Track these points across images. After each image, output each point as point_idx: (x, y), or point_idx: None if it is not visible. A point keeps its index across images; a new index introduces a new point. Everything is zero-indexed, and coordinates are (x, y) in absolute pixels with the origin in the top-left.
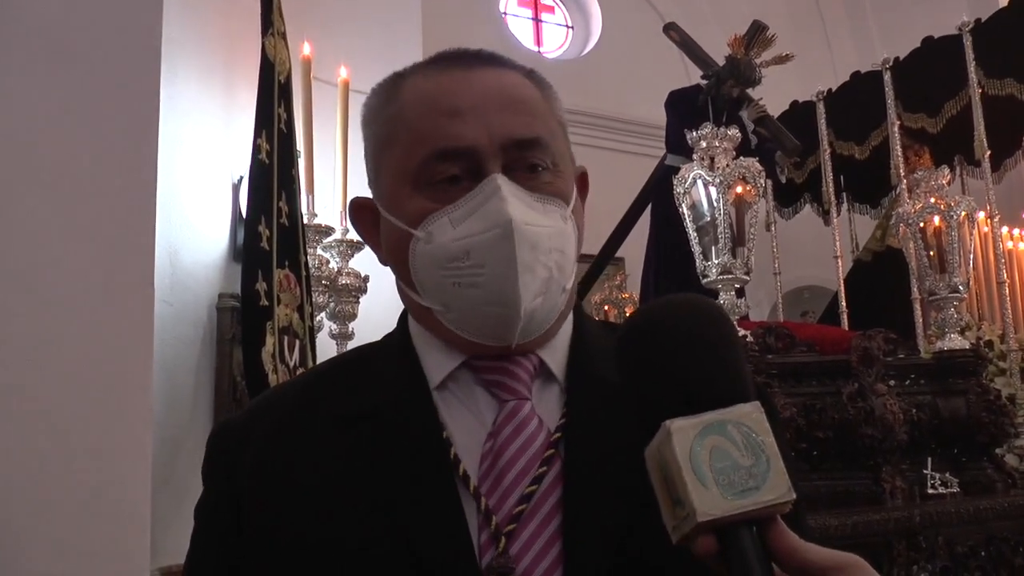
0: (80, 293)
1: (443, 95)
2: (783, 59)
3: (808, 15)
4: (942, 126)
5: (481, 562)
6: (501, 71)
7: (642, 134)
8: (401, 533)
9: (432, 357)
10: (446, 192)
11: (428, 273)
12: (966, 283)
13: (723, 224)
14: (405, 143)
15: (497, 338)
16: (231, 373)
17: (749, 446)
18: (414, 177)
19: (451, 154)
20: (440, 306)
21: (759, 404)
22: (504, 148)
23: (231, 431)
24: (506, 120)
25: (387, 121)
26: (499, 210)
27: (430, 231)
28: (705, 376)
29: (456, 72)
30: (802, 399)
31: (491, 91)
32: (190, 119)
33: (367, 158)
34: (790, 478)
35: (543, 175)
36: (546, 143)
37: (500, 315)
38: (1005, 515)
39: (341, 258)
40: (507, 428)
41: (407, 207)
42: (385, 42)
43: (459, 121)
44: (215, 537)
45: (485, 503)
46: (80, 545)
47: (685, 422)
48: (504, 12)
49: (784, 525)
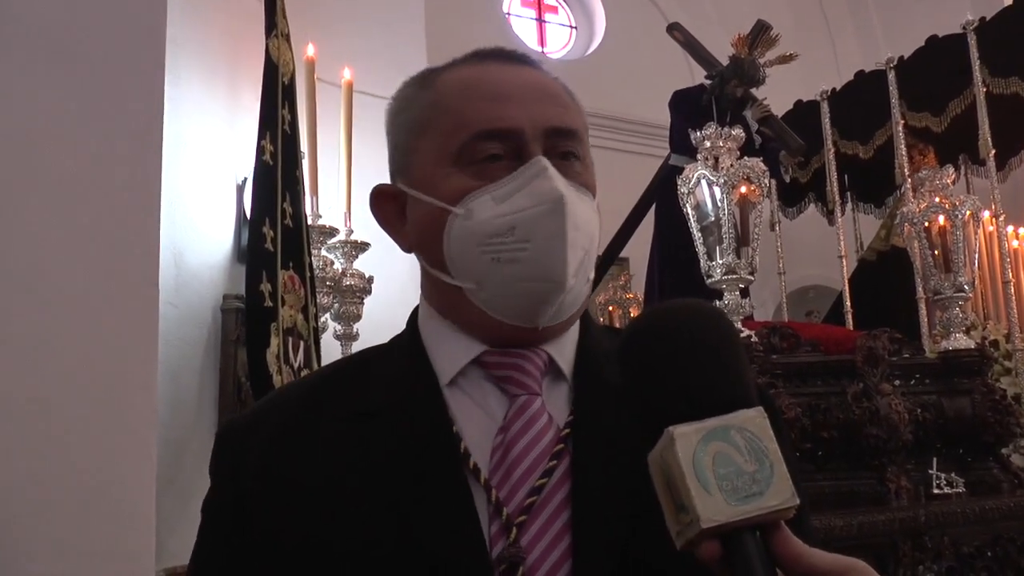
0: (84, 294)
1: (486, 82)
2: (787, 58)
3: (812, 14)
4: (946, 125)
5: (492, 553)
6: (537, 70)
7: (646, 134)
8: (412, 524)
9: (443, 353)
10: (487, 170)
11: (465, 249)
12: (971, 282)
13: (727, 224)
14: (446, 125)
15: (526, 318)
16: (235, 374)
17: (752, 451)
18: (455, 156)
19: (496, 134)
20: (473, 284)
21: (762, 409)
22: (546, 134)
23: (237, 430)
24: (546, 109)
25: (425, 107)
26: (550, 188)
27: (470, 208)
28: (708, 382)
29: (495, 65)
30: (807, 399)
31: (531, 83)
32: (194, 121)
33: (395, 146)
34: (793, 482)
35: (575, 165)
36: (581, 136)
37: (539, 291)
38: (1011, 515)
39: (345, 259)
40: (518, 422)
41: (445, 185)
42: (388, 43)
43: (503, 104)
44: (220, 534)
45: (496, 495)
46: (84, 546)
47: (688, 428)
48: (508, 12)
49: (788, 530)
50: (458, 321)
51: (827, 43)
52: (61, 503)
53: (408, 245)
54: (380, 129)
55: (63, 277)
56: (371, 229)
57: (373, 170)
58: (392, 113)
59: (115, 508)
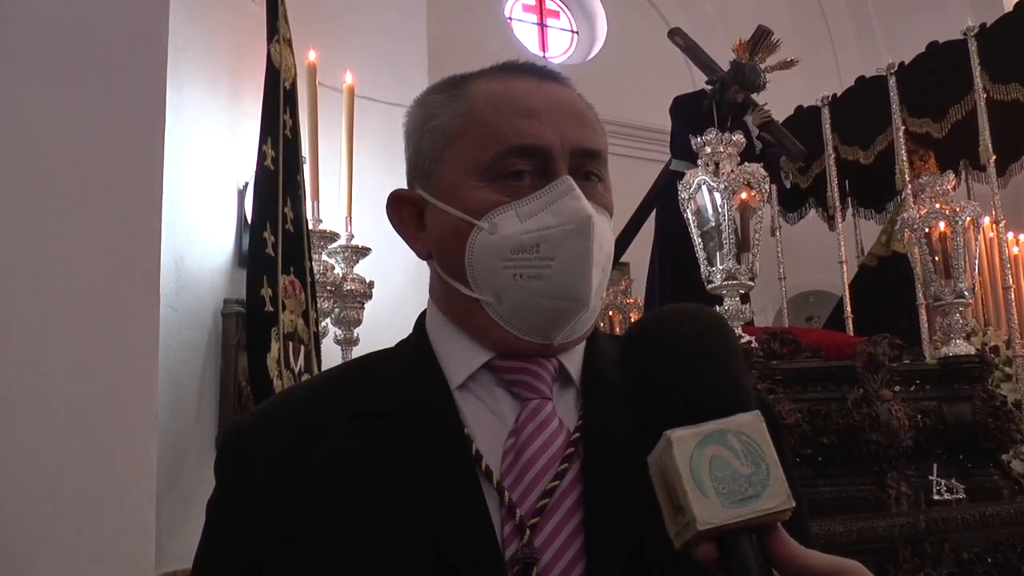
0: (86, 298)
1: (518, 98)
2: (788, 64)
3: (813, 20)
4: (947, 131)
5: (505, 554)
6: (566, 88)
7: (647, 139)
8: (425, 525)
9: (454, 357)
10: (512, 187)
11: (487, 263)
12: (971, 288)
13: (728, 229)
14: (478, 137)
15: (543, 334)
16: (236, 379)
17: (749, 455)
18: (484, 169)
19: (526, 151)
20: (491, 297)
21: (759, 413)
22: (573, 153)
23: (245, 431)
24: (575, 130)
25: (457, 116)
26: (579, 207)
27: (495, 222)
28: (705, 385)
29: (526, 80)
30: (807, 404)
31: (562, 102)
32: (196, 126)
33: (418, 151)
34: (790, 486)
35: (598, 186)
36: (604, 158)
37: (560, 308)
38: (1011, 521)
39: (346, 264)
40: (530, 426)
41: (471, 198)
42: (390, 48)
43: (535, 122)
44: (228, 534)
45: (508, 497)
46: (85, 550)
47: (685, 432)
48: (509, 17)
49: (784, 532)
50: (470, 330)
51: (828, 49)
52: (62, 507)
53: (425, 252)
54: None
55: (65, 280)
56: (372, 234)
57: (374, 175)
58: (418, 118)
59: (115, 512)
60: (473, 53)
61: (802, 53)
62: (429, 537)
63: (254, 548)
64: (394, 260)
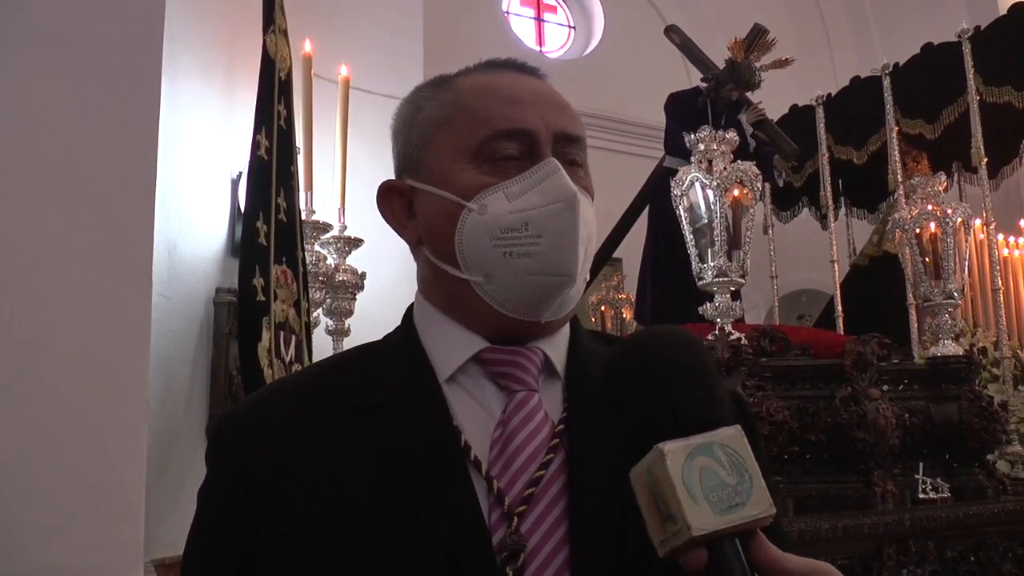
0: (78, 285)
1: (503, 87)
2: (783, 63)
3: (810, 20)
4: (940, 132)
5: (493, 540)
6: (546, 83)
7: (641, 135)
8: (417, 513)
9: (442, 350)
10: (501, 168)
11: (477, 244)
12: (961, 290)
13: (719, 227)
14: (465, 123)
15: (531, 311)
16: (227, 367)
17: (733, 465)
18: (473, 153)
19: (513, 134)
20: (482, 277)
21: (740, 427)
22: (556, 138)
23: (239, 420)
24: (558, 116)
25: (445, 105)
26: (564, 185)
27: (484, 203)
28: (692, 402)
29: (509, 73)
30: (795, 402)
31: (544, 92)
32: (190, 115)
33: (407, 143)
34: (770, 493)
35: (579, 171)
36: (584, 145)
37: (548, 284)
38: (995, 521)
39: (338, 254)
40: (516, 417)
41: (460, 180)
42: (386, 40)
43: (520, 107)
44: (221, 521)
45: (496, 486)
46: (75, 535)
47: (676, 444)
48: (506, 11)
49: (764, 537)
50: (459, 316)
51: (824, 48)
52: (52, 493)
53: (415, 239)
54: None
55: (57, 268)
56: (364, 225)
57: (368, 167)
58: (405, 113)
59: (106, 498)
60: (469, 47)
61: (798, 52)
62: (420, 525)
63: (246, 536)
64: (386, 252)
